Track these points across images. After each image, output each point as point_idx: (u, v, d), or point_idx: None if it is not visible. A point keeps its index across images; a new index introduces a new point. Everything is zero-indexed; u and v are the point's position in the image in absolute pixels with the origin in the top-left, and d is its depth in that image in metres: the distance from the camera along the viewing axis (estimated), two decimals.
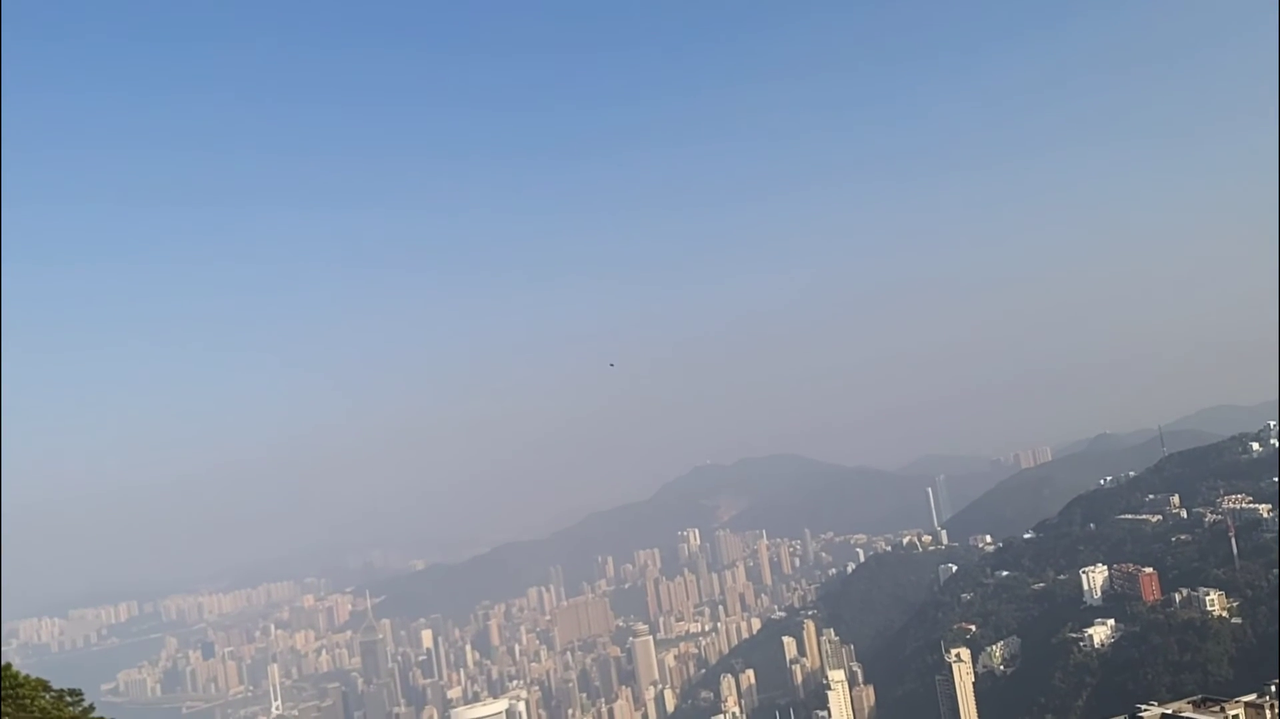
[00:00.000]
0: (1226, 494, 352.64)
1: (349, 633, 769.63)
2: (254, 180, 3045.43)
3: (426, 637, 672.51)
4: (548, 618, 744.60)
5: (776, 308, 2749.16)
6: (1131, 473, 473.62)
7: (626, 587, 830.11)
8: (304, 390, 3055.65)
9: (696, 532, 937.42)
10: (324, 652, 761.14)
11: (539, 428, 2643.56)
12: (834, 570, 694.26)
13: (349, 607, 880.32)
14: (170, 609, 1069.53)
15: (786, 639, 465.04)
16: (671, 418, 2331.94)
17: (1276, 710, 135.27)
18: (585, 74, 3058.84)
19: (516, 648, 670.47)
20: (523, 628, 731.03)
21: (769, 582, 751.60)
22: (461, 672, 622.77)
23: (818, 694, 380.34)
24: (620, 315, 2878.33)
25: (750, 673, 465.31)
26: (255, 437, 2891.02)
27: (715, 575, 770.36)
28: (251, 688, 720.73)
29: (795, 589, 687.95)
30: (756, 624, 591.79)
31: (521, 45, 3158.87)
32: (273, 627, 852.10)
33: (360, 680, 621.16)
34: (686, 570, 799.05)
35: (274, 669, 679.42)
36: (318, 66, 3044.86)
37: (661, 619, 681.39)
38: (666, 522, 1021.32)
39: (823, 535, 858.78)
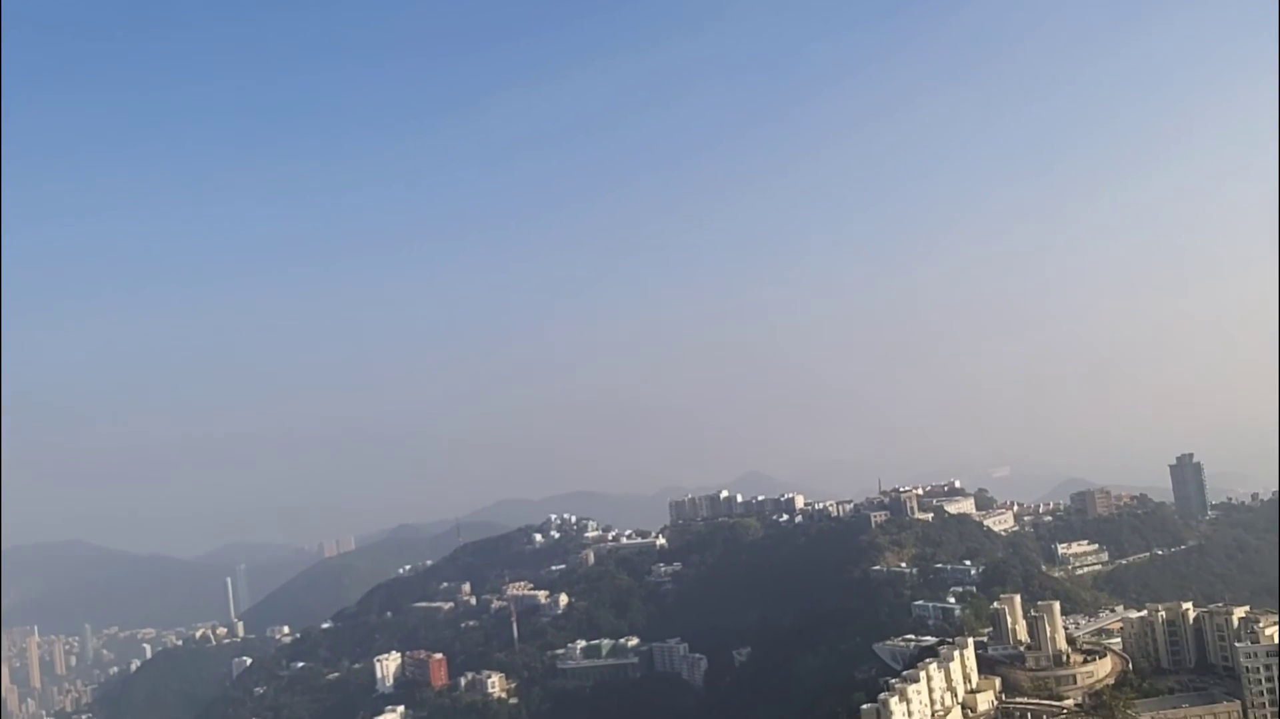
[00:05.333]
0: (511, 581, 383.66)
1: None
2: None
3: None
4: None
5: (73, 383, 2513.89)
6: (429, 562, 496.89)
7: None
8: None
9: None
10: None
11: None
12: (116, 669, 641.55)
13: None
14: None
15: None
16: None
17: None
18: None
19: None
20: None
21: (38, 685, 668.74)
22: None
23: None
24: None
25: None
26: None
27: None
28: None
29: (69, 691, 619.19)
30: None
31: None
32: None
33: None
34: None
35: None
36: None
37: None
38: None
39: (106, 631, 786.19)
